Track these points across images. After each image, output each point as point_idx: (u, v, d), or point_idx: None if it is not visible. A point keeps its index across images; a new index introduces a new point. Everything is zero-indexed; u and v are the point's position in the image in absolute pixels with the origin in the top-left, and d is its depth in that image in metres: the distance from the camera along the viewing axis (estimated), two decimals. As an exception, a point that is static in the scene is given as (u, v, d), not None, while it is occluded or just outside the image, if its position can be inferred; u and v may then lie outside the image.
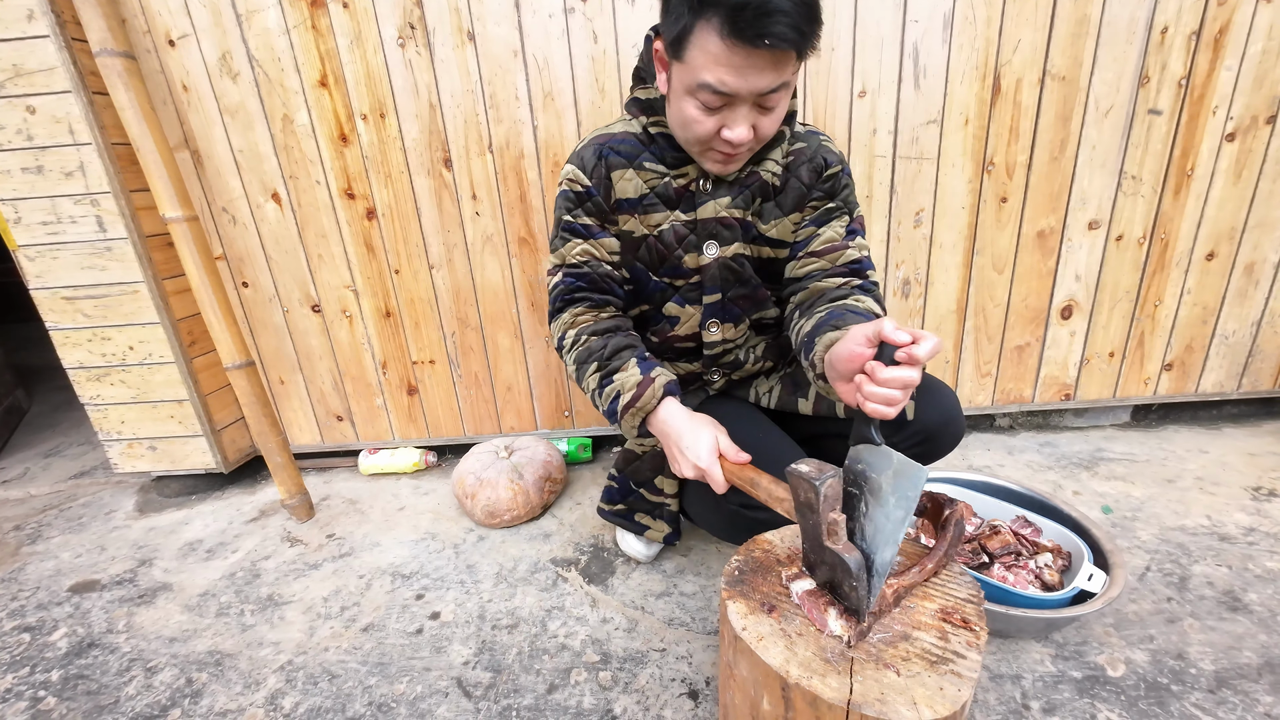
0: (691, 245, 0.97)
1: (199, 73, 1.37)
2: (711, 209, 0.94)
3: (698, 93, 0.78)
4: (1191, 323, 1.58)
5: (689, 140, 0.86)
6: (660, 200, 0.95)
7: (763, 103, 0.78)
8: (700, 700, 0.92)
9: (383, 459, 1.71)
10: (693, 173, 0.94)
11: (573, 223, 0.97)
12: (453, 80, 1.38)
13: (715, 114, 0.79)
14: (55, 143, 1.33)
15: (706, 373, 1.10)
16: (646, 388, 0.88)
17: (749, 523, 0.91)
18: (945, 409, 0.95)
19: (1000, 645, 0.98)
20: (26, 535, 1.53)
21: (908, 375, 0.62)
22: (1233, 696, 0.87)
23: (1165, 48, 1.34)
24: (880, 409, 0.64)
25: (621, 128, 0.96)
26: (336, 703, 0.96)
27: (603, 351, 0.93)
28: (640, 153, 0.94)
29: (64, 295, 1.44)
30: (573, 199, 0.96)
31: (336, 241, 1.52)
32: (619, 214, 0.96)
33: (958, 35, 1.33)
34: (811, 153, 0.96)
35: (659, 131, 0.92)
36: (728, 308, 1.02)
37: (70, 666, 1.08)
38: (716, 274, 0.98)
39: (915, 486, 0.62)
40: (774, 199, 0.97)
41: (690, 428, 0.85)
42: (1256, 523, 1.26)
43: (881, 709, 0.57)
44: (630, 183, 0.94)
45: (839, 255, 0.96)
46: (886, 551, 0.65)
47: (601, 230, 0.97)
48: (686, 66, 0.77)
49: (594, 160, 0.94)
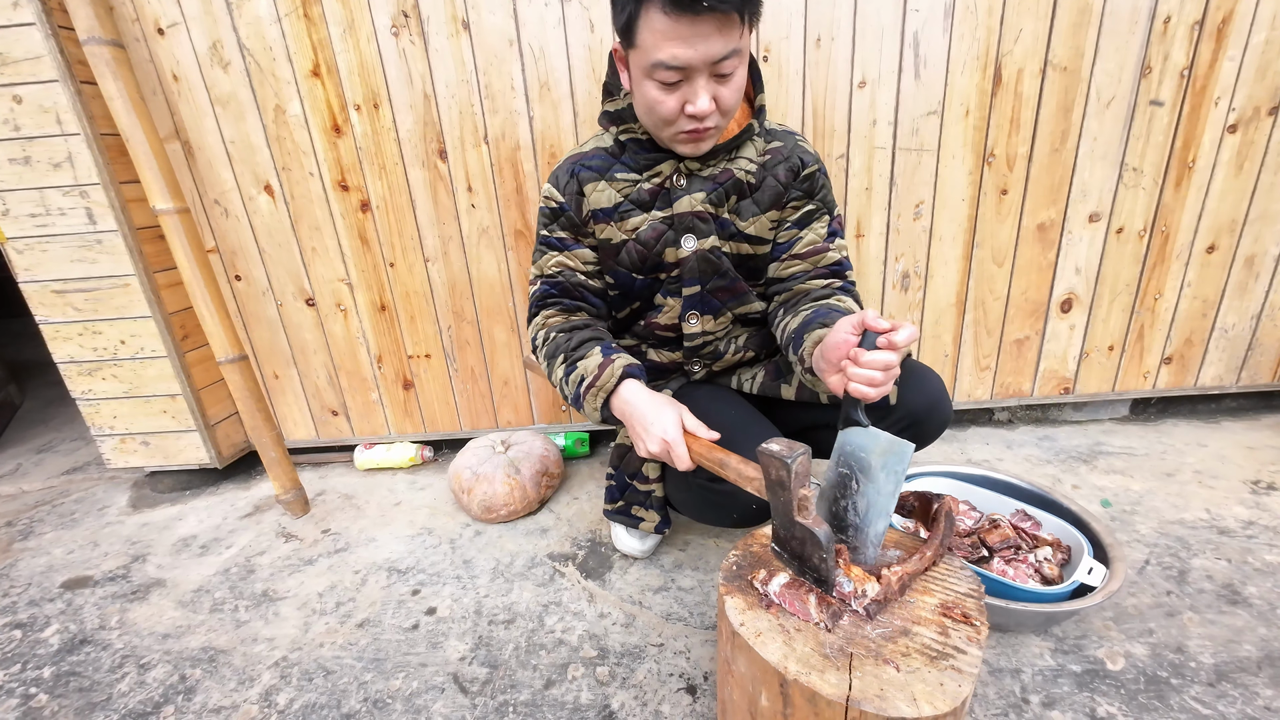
0: (669, 240, 0.99)
1: (189, 62, 1.35)
2: (687, 204, 0.96)
3: (654, 73, 0.80)
4: (1191, 316, 1.58)
5: (657, 124, 0.88)
6: (635, 205, 0.99)
7: (718, 70, 0.80)
8: (698, 696, 0.91)
9: (378, 454, 1.70)
10: (666, 170, 0.97)
11: (548, 236, 1.04)
12: (447, 70, 1.36)
13: (675, 90, 0.82)
14: (43, 133, 1.30)
15: (687, 363, 1.12)
16: (605, 369, 0.92)
17: (717, 496, 0.94)
18: (930, 394, 0.98)
19: (1000, 639, 0.98)
20: (18, 531, 1.52)
21: (887, 358, 0.69)
22: (1232, 690, 0.87)
23: (1168, 38, 1.32)
24: (863, 390, 0.70)
25: (593, 144, 1.01)
26: (332, 699, 0.95)
27: (569, 343, 0.99)
28: (611, 165, 0.99)
29: (54, 289, 1.43)
30: (548, 214, 1.03)
31: (330, 234, 1.50)
32: (596, 223, 1.01)
33: (959, 24, 1.31)
34: (788, 152, 0.99)
35: (629, 139, 0.97)
36: (707, 300, 1.04)
37: (62, 663, 1.07)
38: (695, 266, 1.00)
39: (902, 461, 0.68)
40: (750, 196, 0.99)
41: (652, 406, 0.88)
42: (1255, 516, 1.26)
43: (881, 705, 0.56)
44: (603, 193, 0.99)
45: (821, 258, 1.01)
46: (880, 523, 0.71)
47: (575, 243, 1.03)
48: (639, 50, 0.80)
49: (566, 178, 1.00)
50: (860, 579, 0.69)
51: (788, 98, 1.37)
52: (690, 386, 1.13)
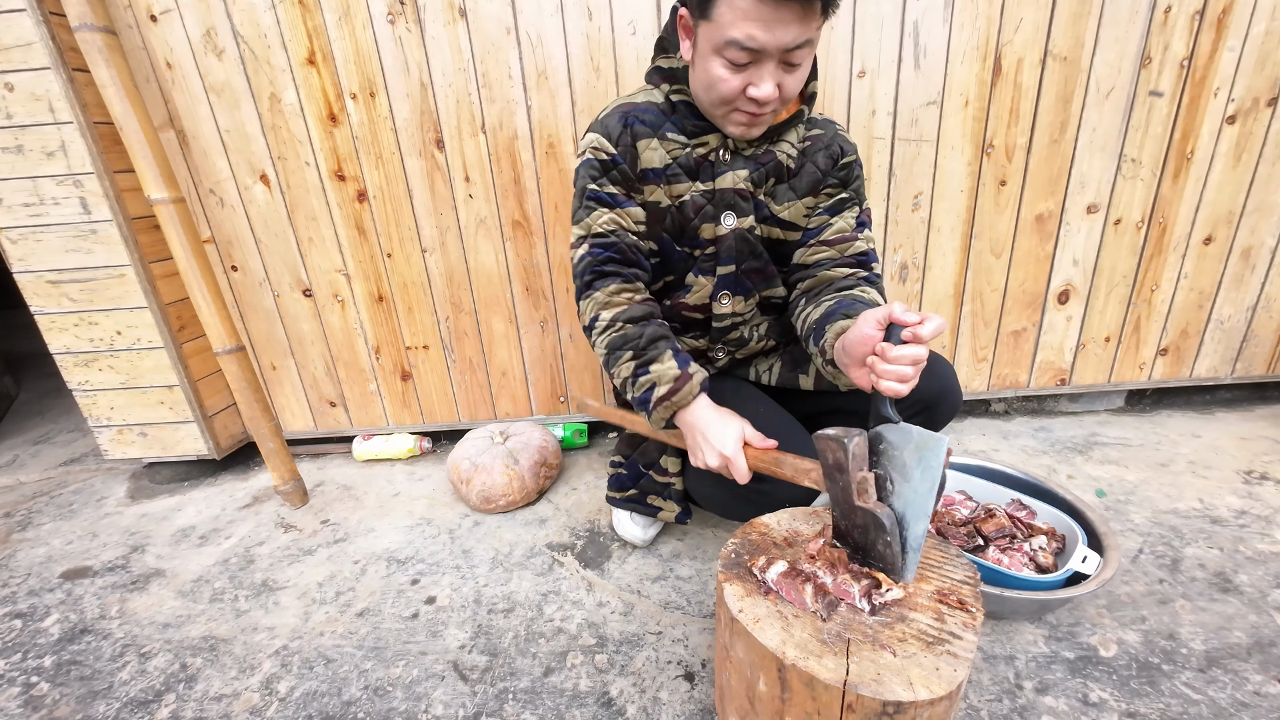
0: (708, 216, 0.97)
1: (183, 49, 1.34)
2: (730, 179, 0.94)
3: (725, 50, 0.77)
4: (1187, 307, 1.58)
5: (714, 101, 0.85)
6: (683, 170, 0.95)
7: (788, 59, 0.78)
8: (696, 682, 0.92)
9: (377, 445, 1.70)
10: (713, 142, 0.94)
11: (598, 191, 0.94)
12: (444, 58, 1.35)
13: (742, 72, 0.79)
14: (35, 121, 1.29)
15: (711, 349, 1.10)
16: (684, 383, 0.88)
17: (752, 494, 0.92)
18: (942, 379, 0.98)
19: (994, 626, 0.99)
20: (16, 522, 1.52)
21: (916, 352, 0.68)
22: (1222, 675, 0.88)
23: (1168, 28, 1.32)
24: (894, 386, 0.69)
25: (644, 97, 0.95)
26: (332, 686, 0.96)
27: (639, 340, 0.91)
28: (663, 122, 0.93)
29: (49, 279, 1.42)
30: (598, 167, 0.94)
31: (327, 224, 1.50)
32: (645, 184, 0.95)
33: (959, 14, 1.31)
34: (829, 140, 0.98)
35: (680, 99, 0.92)
36: (740, 280, 1.02)
37: (63, 652, 1.07)
38: (733, 245, 0.98)
39: (938, 456, 0.65)
40: (788, 181, 0.97)
41: (718, 419, 0.87)
42: (1248, 505, 1.27)
43: (877, 689, 0.57)
44: (655, 152, 0.93)
45: (848, 246, 0.99)
46: (919, 526, 0.67)
47: (628, 199, 0.96)
48: (714, 25, 0.77)
49: (619, 128, 0.92)
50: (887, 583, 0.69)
51: (787, 87, 1.37)
52: (718, 383, 1.07)
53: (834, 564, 0.72)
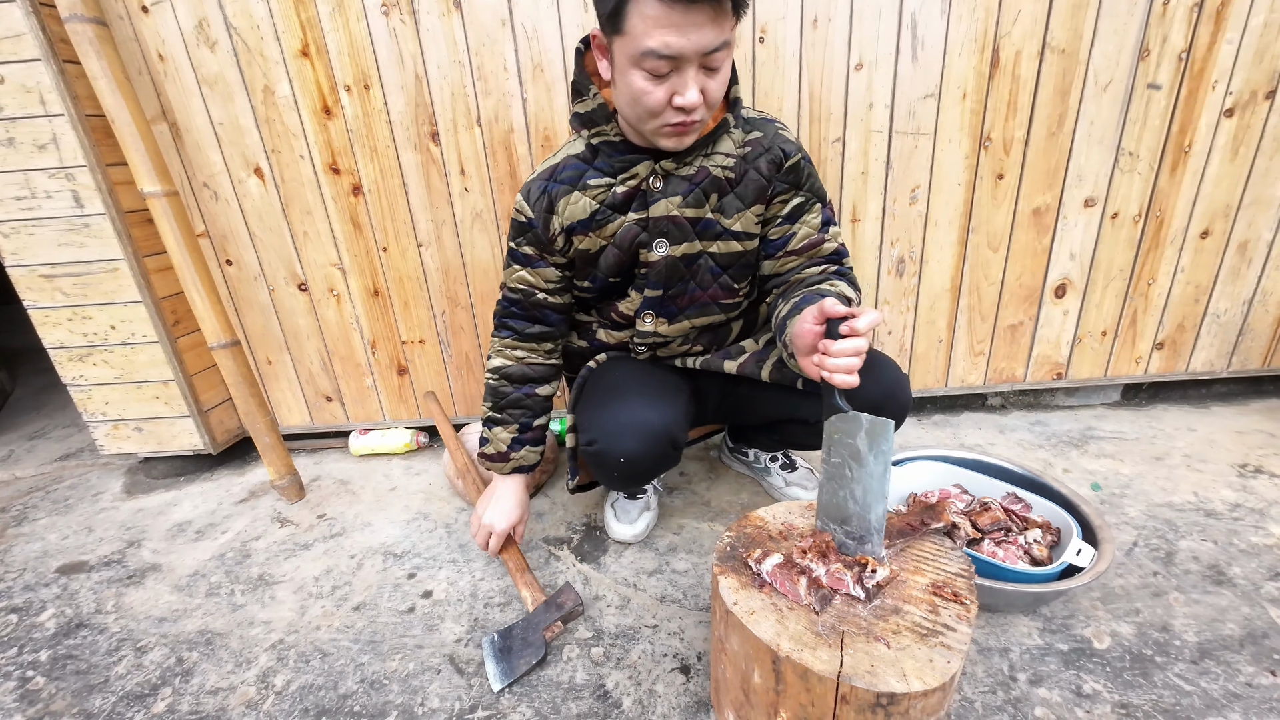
0: (643, 243, 0.99)
1: (175, 41, 1.32)
2: (663, 207, 0.95)
3: (643, 61, 0.77)
4: (1184, 301, 1.58)
5: (642, 116, 0.84)
6: (612, 210, 0.97)
7: (707, 63, 0.79)
8: (692, 675, 0.93)
9: (373, 440, 1.70)
10: (642, 172, 0.95)
11: (515, 250, 1.04)
12: (439, 50, 1.34)
13: (664, 81, 0.80)
14: (26, 114, 1.28)
15: (634, 348, 1.14)
16: (502, 460, 1.10)
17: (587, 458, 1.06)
18: (886, 383, 1.00)
19: (988, 619, 0.99)
20: (12, 517, 1.52)
21: (856, 344, 0.72)
22: (1215, 667, 0.89)
23: (1167, 20, 1.31)
24: (843, 379, 0.72)
25: (565, 153, 0.99)
26: (329, 680, 0.96)
27: (501, 401, 1.10)
28: (584, 172, 0.97)
29: (41, 273, 1.41)
30: (515, 228, 1.03)
31: (322, 218, 1.49)
32: (574, 235, 1.00)
33: (957, 5, 1.30)
34: (769, 143, 0.97)
35: (600, 141, 0.94)
36: (665, 305, 1.05)
37: (59, 647, 1.07)
38: (662, 271, 1.00)
39: (887, 439, 0.70)
40: (732, 191, 0.97)
41: (510, 500, 1.10)
42: (1242, 499, 1.27)
43: (872, 681, 0.57)
44: (578, 205, 0.97)
45: (818, 250, 1.02)
46: (879, 507, 0.72)
47: (540, 260, 1.03)
48: (628, 38, 0.77)
49: (538, 194, 0.98)
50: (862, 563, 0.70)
51: (784, 80, 1.36)
52: (627, 362, 1.16)
53: (824, 553, 0.72)
